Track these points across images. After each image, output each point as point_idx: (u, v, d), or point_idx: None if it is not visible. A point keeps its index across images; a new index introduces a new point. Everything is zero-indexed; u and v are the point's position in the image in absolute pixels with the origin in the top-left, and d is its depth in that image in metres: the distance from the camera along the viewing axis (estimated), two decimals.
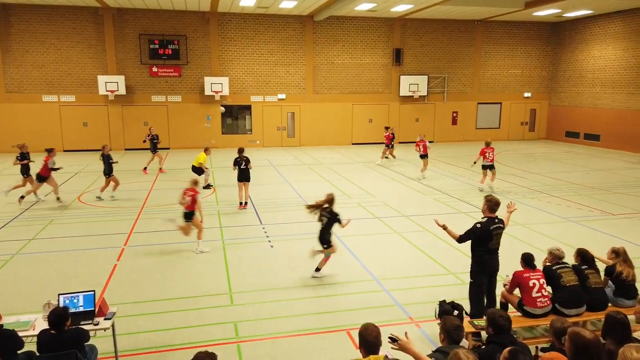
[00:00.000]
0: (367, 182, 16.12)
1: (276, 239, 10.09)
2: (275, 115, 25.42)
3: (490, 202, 6.14)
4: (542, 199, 13.60)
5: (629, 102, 23.16)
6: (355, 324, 5.97)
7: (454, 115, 27.57)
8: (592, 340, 3.21)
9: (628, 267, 6.16)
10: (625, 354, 2.80)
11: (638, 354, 2.74)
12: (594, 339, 3.28)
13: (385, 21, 25.53)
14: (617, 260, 6.27)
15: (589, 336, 3.26)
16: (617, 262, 6.25)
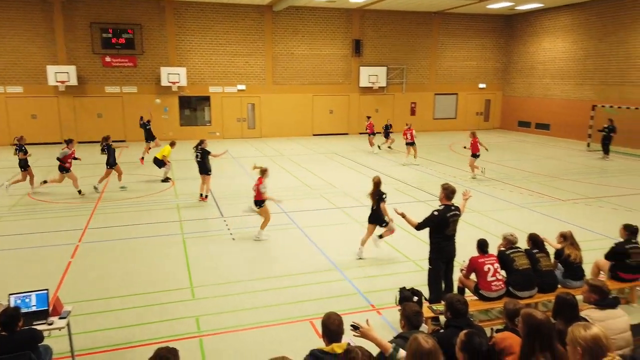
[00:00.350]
0: (328, 172, 16.20)
1: (238, 232, 10.01)
2: (235, 106, 25.07)
3: (447, 190, 6.31)
4: (496, 186, 14.07)
5: (576, 92, 24.24)
6: (318, 314, 6.02)
7: (412, 106, 28.03)
8: (543, 320, 3.37)
9: (575, 250, 6.49)
10: (574, 332, 2.95)
11: (585, 332, 2.88)
12: (545, 319, 3.44)
13: (344, 12, 25.57)
14: (565, 243, 6.59)
15: (540, 317, 3.42)
16: (565, 246, 6.57)
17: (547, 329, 3.35)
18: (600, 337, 2.80)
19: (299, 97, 25.84)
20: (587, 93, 23.57)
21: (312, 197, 12.88)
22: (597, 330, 2.88)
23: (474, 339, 3.54)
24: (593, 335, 2.81)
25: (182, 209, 11.75)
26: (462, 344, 3.60)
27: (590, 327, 2.92)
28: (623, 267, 6.57)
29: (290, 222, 10.63)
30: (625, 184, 14.33)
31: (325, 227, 10.31)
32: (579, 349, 2.85)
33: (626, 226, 6.85)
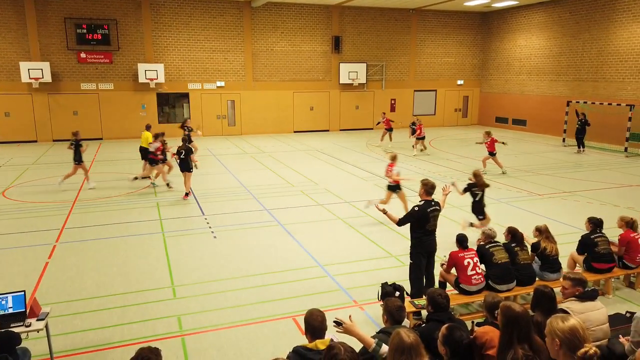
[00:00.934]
0: (309, 169, 16.20)
1: (219, 230, 9.94)
2: (215, 103, 24.85)
3: (427, 186, 6.39)
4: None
5: (551, 88, 24.73)
6: (301, 310, 6.04)
7: (392, 102, 28.20)
8: (521, 312, 3.44)
9: (551, 243, 6.65)
10: (552, 324, 3.02)
11: (563, 323, 2.95)
12: (523, 312, 3.51)
13: (323, 8, 25.54)
14: (541, 237, 6.75)
15: (518, 309, 3.49)
16: (541, 239, 6.73)
17: (525, 321, 3.42)
18: (578, 329, 2.87)
19: (280, 94, 25.75)
20: (561, 89, 24.07)
21: (294, 194, 12.87)
22: (575, 322, 2.95)
23: (455, 333, 3.61)
24: (570, 327, 2.88)
25: (162, 207, 11.61)
26: (443, 337, 3.66)
27: (568, 318, 2.99)
28: (594, 257, 6.79)
29: (272, 220, 10.61)
30: (599, 179, 14.71)
31: (307, 224, 10.32)
32: (557, 340, 2.92)
33: (590, 219, 7.13)
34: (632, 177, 14.88)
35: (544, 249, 6.61)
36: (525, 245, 6.61)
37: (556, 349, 2.95)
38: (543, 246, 6.62)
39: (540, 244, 6.68)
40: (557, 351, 2.95)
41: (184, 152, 12.28)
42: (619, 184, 13.99)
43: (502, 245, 6.45)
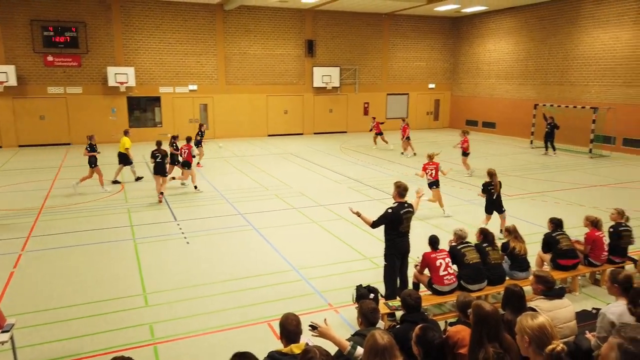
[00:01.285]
0: (284, 173, 16.17)
1: (192, 235, 9.81)
2: (187, 106, 24.55)
3: (399, 188, 6.47)
4: (447, 183, 14.50)
5: (519, 92, 25.37)
6: (276, 315, 6.01)
7: (365, 106, 28.43)
8: (491, 311, 3.51)
9: (519, 243, 6.82)
10: (522, 322, 3.09)
11: (532, 321, 3.03)
12: (493, 311, 3.58)
13: (296, 12, 25.58)
14: (510, 237, 6.92)
15: (488, 308, 3.56)
16: (510, 239, 6.90)
17: (494, 319, 3.49)
18: (546, 326, 2.95)
19: (253, 98, 25.64)
20: (529, 92, 24.73)
21: (268, 198, 12.82)
22: (543, 319, 3.03)
23: (427, 333, 3.65)
24: (539, 325, 2.96)
25: (133, 213, 11.39)
26: (416, 337, 3.70)
27: (537, 316, 3.07)
28: (559, 254, 7.01)
29: (246, 224, 10.53)
30: (565, 179, 15.15)
31: (281, 228, 10.28)
32: (526, 338, 2.99)
33: (551, 219, 7.39)
34: (596, 178, 15.38)
35: (513, 249, 6.77)
36: (496, 245, 6.76)
37: (526, 346, 3.02)
38: (512, 246, 6.79)
39: (509, 243, 6.84)
40: (526, 348, 3.03)
41: (160, 155, 12.31)
42: (584, 184, 14.44)
43: (473, 245, 6.57)
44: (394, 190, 6.53)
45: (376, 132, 21.58)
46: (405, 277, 6.72)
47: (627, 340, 1.89)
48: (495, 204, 9.71)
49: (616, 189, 13.90)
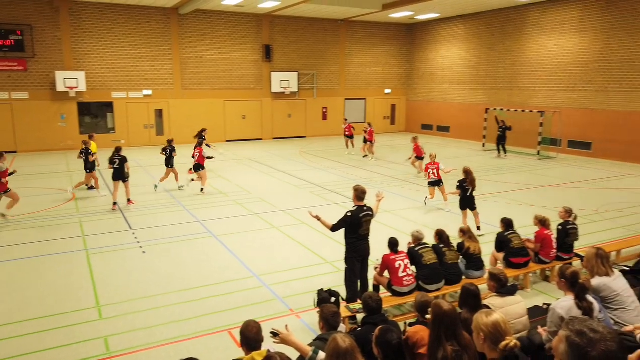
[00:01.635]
0: (243, 179, 16.01)
1: (149, 244, 9.55)
2: (142, 112, 23.91)
3: (357, 191, 6.56)
4: (405, 186, 14.80)
5: (471, 97, 26.25)
6: (237, 323, 5.93)
7: (324, 111, 28.61)
8: (448, 310, 3.60)
9: (474, 243, 7.04)
10: (477, 320, 3.18)
11: (487, 318, 3.12)
12: (450, 309, 3.67)
13: (253, 17, 25.47)
14: (465, 237, 7.13)
15: (446, 307, 3.65)
16: (464, 239, 7.11)
17: (452, 318, 3.58)
18: (500, 323, 3.05)
19: (210, 103, 25.28)
20: (480, 97, 25.62)
21: (227, 205, 12.66)
22: (497, 316, 3.13)
23: (386, 334, 3.70)
24: (493, 322, 3.06)
25: (85, 224, 10.96)
26: (376, 339, 3.75)
27: (492, 314, 3.17)
28: (511, 253, 7.28)
29: (205, 231, 10.35)
30: (516, 180, 15.76)
31: (241, 234, 10.17)
32: (481, 335, 3.08)
33: (503, 219, 7.68)
34: (544, 179, 16.09)
35: (468, 249, 6.98)
36: (452, 246, 6.94)
37: (481, 343, 3.11)
38: (467, 246, 6.99)
39: (464, 244, 7.05)
40: (482, 345, 3.12)
41: (119, 161, 12.09)
42: (533, 185, 15.07)
43: (431, 247, 6.72)
44: (353, 193, 6.60)
45: (347, 134, 21.74)
46: (365, 280, 6.79)
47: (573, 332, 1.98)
48: (468, 201, 10.14)
49: (563, 188, 14.59)
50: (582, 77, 20.53)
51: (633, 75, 18.71)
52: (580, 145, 20.85)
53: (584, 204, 12.46)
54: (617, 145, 19.38)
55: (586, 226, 10.09)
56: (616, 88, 19.35)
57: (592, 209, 11.92)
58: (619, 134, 19.33)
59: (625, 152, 19.11)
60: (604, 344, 1.87)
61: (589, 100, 20.39)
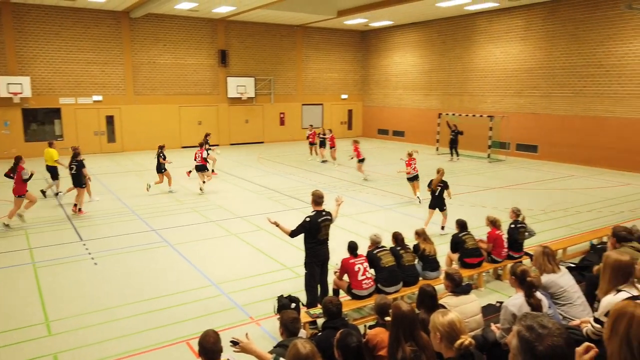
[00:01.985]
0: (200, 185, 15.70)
1: (101, 255, 9.20)
2: (92, 118, 23.08)
3: (315, 196, 6.60)
4: (362, 190, 14.99)
5: (425, 102, 26.95)
6: (195, 333, 5.82)
7: (281, 116, 28.57)
8: (406, 311, 3.68)
9: (429, 245, 7.22)
10: (433, 319, 3.27)
11: (443, 318, 3.21)
12: (409, 310, 3.76)
13: (208, 22, 25.16)
14: (420, 239, 7.30)
15: (405, 308, 3.73)
16: (419, 241, 7.27)
17: (410, 319, 3.65)
18: (455, 322, 3.14)
19: (164, 108, 24.72)
20: (433, 102, 26.35)
21: (184, 212, 12.39)
22: (453, 316, 3.22)
23: (345, 338, 3.73)
24: (449, 321, 3.15)
25: (31, 235, 10.44)
26: (337, 343, 3.78)
27: (447, 313, 3.26)
28: (465, 253, 7.52)
29: (160, 240, 10.09)
30: (468, 183, 16.29)
31: (199, 243, 9.98)
32: (438, 334, 3.17)
33: (457, 221, 7.95)
34: (495, 181, 16.71)
35: (423, 250, 7.14)
36: (408, 248, 7.08)
37: (438, 342, 3.20)
38: (422, 248, 7.16)
39: (419, 245, 7.21)
40: (438, 344, 3.20)
41: (76, 166, 11.89)
42: (484, 187, 15.62)
43: (389, 249, 6.83)
44: (311, 198, 6.63)
45: (310, 142, 21.58)
46: (325, 284, 6.82)
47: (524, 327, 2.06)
48: (437, 201, 10.50)
49: (512, 190, 15.20)
50: (528, 83, 21.52)
51: (574, 81, 19.78)
52: (527, 148, 21.81)
53: (532, 204, 13.03)
54: (561, 148, 20.41)
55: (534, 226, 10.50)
56: (559, 93, 20.39)
57: (539, 209, 12.48)
58: (561, 137, 20.36)
59: (567, 154, 20.14)
60: (551, 339, 1.96)
61: (534, 104, 21.38)
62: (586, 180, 16.71)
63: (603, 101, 18.85)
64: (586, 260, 7.72)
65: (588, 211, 12.35)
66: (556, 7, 20.02)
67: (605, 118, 18.84)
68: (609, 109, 18.69)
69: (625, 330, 2.15)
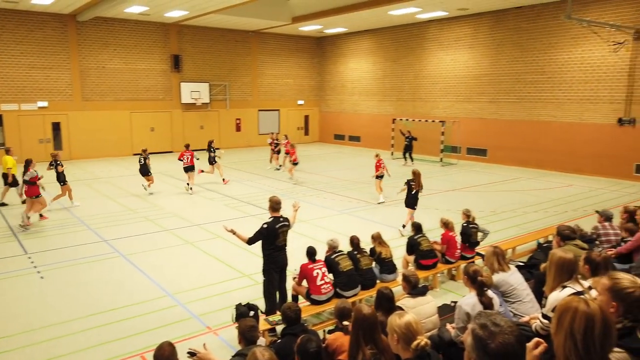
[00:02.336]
0: (154, 194, 15.29)
1: (48, 269, 8.77)
2: (36, 126, 22.03)
3: (272, 202, 6.57)
4: (320, 195, 15.05)
5: (379, 108, 27.45)
6: (151, 346, 5.65)
7: (237, 122, 28.30)
8: (366, 314, 3.72)
9: (384, 248, 7.34)
10: (391, 321, 3.31)
11: (399, 320, 3.26)
12: (370, 313, 3.79)
13: (160, 26, 24.62)
14: (375, 243, 7.42)
15: (365, 311, 3.76)
16: (375, 245, 7.39)
17: (369, 321, 3.69)
18: (411, 323, 3.20)
19: (115, 114, 23.94)
20: (387, 108, 26.87)
21: (137, 222, 12.02)
22: (409, 317, 3.28)
23: (304, 343, 3.73)
24: (405, 323, 3.20)
25: None
26: (296, 348, 3.77)
27: (404, 315, 3.32)
28: (421, 255, 7.70)
29: (112, 251, 9.73)
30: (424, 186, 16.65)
31: (153, 252, 9.70)
32: (395, 336, 3.22)
33: (413, 224, 8.17)
34: (447, 184, 17.21)
35: (379, 254, 7.25)
36: (365, 251, 7.16)
37: (395, 344, 3.25)
38: (378, 251, 7.27)
39: (375, 249, 7.32)
40: (396, 346, 3.25)
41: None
42: (438, 190, 16.06)
43: (346, 254, 6.89)
44: (268, 205, 6.59)
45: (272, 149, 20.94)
46: (284, 290, 6.79)
47: (477, 326, 2.13)
48: (413, 199, 11.04)
49: (464, 192, 15.70)
50: (476, 89, 22.34)
51: (519, 87, 20.71)
52: (477, 152, 22.61)
53: (483, 206, 13.50)
54: (508, 151, 21.30)
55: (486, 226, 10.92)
56: (505, 99, 21.29)
57: (490, 210, 12.95)
58: (509, 140, 21.25)
59: (515, 157, 21.04)
60: (502, 336, 2.04)
61: (482, 110, 22.21)
62: (532, 182, 17.50)
63: (546, 106, 19.84)
64: (534, 259, 8.05)
65: (535, 211, 12.93)
66: (502, 17, 20.93)
67: (549, 122, 19.82)
68: (552, 113, 19.69)
69: (569, 324, 2.26)
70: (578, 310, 2.28)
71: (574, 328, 2.24)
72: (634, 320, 2.73)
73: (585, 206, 13.43)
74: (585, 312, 2.25)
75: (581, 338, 2.22)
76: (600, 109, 18.21)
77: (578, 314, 2.26)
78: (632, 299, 2.76)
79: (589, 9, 17.92)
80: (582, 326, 2.22)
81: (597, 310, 2.27)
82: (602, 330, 2.21)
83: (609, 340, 2.25)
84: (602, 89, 18.08)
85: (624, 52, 17.17)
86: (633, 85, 17.26)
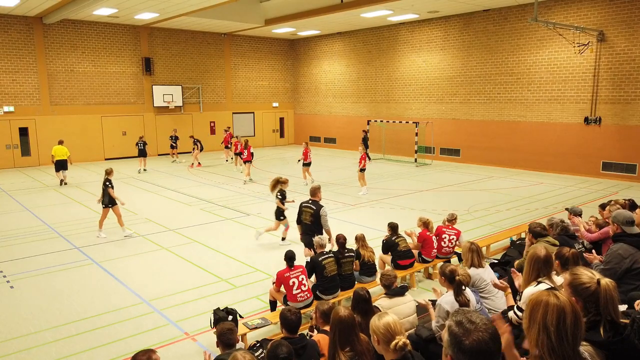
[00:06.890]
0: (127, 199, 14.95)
1: (18, 278, 8.52)
2: (3, 131, 21.36)
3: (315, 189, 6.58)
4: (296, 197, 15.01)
5: (354, 109, 27.62)
6: (126, 354, 5.56)
7: (211, 125, 28.03)
8: (344, 316, 3.75)
9: (367, 251, 7.37)
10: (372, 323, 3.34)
11: (379, 321, 3.29)
12: (348, 315, 3.82)
13: (130, 28, 24.21)
14: (358, 245, 7.46)
15: (342, 313, 3.79)
16: (358, 247, 7.42)
17: (347, 323, 3.72)
18: (390, 324, 3.24)
19: (85, 119, 23.41)
20: (362, 110, 27.06)
21: (110, 227, 11.76)
22: (389, 318, 3.32)
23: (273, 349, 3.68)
24: (384, 324, 3.24)
25: None
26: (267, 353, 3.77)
27: (383, 316, 3.35)
28: (398, 256, 7.77)
29: (84, 258, 9.51)
30: (398, 187, 16.87)
31: (127, 259, 9.52)
32: (375, 337, 3.26)
33: (389, 224, 8.15)
34: (423, 184, 17.45)
35: (363, 257, 7.29)
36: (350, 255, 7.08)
37: (377, 345, 3.29)
38: (362, 254, 7.30)
39: (359, 251, 7.34)
40: (378, 347, 3.29)
41: None
42: (413, 190, 16.26)
43: (333, 257, 6.80)
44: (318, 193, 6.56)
45: (235, 152, 20.48)
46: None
47: (454, 323, 2.18)
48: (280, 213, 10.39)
49: (439, 192, 15.94)
50: (448, 90, 22.72)
51: (489, 88, 21.16)
52: (451, 152, 22.99)
53: (457, 205, 13.74)
54: (479, 151, 21.73)
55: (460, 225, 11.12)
56: (476, 100, 21.72)
57: (464, 209, 13.18)
58: (480, 140, 21.68)
59: (487, 157, 21.48)
60: (477, 334, 2.10)
61: (455, 111, 22.60)
62: (504, 180, 17.90)
63: (515, 107, 20.33)
64: (507, 256, 8.23)
65: (507, 210, 13.23)
66: (470, 19, 21.35)
67: (518, 122, 20.32)
68: (521, 113, 20.19)
69: (542, 317, 2.34)
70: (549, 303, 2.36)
71: (547, 321, 2.32)
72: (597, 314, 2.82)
73: (555, 203, 13.82)
74: (556, 305, 2.33)
75: (554, 330, 2.29)
76: (567, 108, 18.77)
77: (550, 307, 2.34)
78: (588, 294, 2.85)
79: (554, 11, 18.47)
80: (555, 318, 2.30)
81: (566, 302, 2.36)
82: (573, 322, 2.30)
83: (580, 331, 2.34)
84: (569, 89, 18.64)
85: (588, 53, 17.74)
86: (598, 86, 17.85)
